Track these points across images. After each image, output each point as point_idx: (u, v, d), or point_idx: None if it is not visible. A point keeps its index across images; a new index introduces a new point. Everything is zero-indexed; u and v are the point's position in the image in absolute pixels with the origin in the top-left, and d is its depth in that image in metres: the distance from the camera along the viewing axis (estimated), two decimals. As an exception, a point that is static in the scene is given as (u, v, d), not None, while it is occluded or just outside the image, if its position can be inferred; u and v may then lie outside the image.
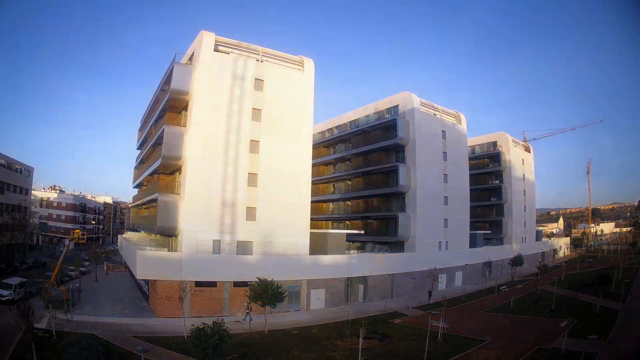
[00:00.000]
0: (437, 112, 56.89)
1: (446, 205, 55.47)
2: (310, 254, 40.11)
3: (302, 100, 41.48)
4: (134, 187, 59.17)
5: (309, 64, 42.26)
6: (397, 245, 52.01)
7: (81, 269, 48.21)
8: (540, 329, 31.12)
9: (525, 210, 77.87)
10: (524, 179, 77.83)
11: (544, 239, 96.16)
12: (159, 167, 38.76)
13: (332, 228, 61.90)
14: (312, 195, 43.12)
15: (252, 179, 37.89)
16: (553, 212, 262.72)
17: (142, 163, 53.51)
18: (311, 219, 42.91)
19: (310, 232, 41.01)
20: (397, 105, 54.12)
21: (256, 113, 38.66)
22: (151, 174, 44.33)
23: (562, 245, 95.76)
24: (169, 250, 38.11)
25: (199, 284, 34.21)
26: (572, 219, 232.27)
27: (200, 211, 35.32)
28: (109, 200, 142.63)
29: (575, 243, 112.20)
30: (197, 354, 20.11)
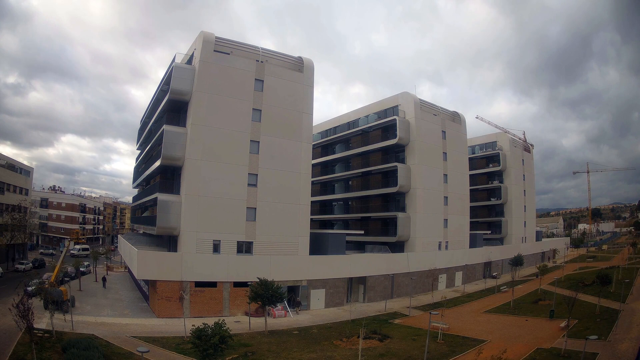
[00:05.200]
0: (436, 113, 56.88)
1: (446, 205, 55.45)
2: (310, 254, 40.11)
3: (302, 100, 41.47)
4: (134, 187, 59.18)
5: (309, 64, 42.26)
6: (397, 246, 51.98)
7: (81, 269, 48.19)
8: (540, 329, 31.11)
9: (525, 211, 77.82)
10: (523, 179, 77.79)
11: (544, 239, 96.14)
12: (159, 167, 38.74)
13: (332, 228, 61.90)
14: (312, 195, 43.13)
15: (252, 179, 37.89)
16: (553, 212, 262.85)
17: (142, 163, 53.52)
18: (311, 219, 42.92)
19: (310, 232, 41.01)
20: (397, 106, 54.06)
21: (256, 113, 38.65)
22: (151, 174, 44.32)
23: (562, 245, 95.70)
24: (168, 250, 38.11)
25: (199, 284, 34.21)
26: (572, 219, 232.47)
27: (200, 211, 35.31)
28: (109, 200, 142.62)
29: (575, 243, 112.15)
30: (197, 354, 20.09)
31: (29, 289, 30.09)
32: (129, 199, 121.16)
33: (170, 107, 39.41)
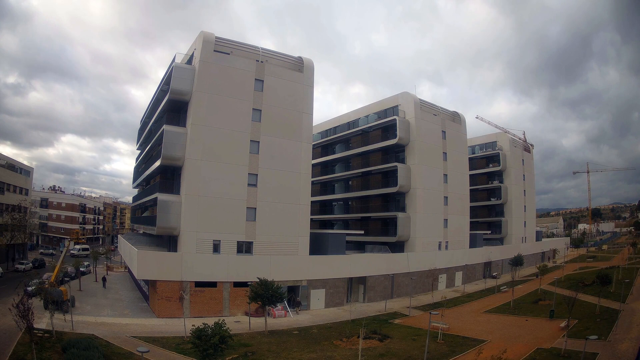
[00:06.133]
0: (436, 113, 56.88)
1: (446, 205, 55.46)
2: (310, 254, 40.11)
3: (302, 100, 41.47)
4: (134, 187, 59.19)
5: (309, 64, 42.25)
6: (397, 246, 51.99)
7: (81, 269, 48.21)
8: (540, 329, 31.11)
9: (525, 210, 77.84)
10: (523, 179, 77.80)
11: (544, 239, 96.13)
12: (159, 167, 38.73)
13: (332, 228, 61.89)
14: (312, 195, 43.12)
15: (252, 179, 37.89)
16: (553, 212, 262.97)
17: (142, 163, 53.52)
18: (311, 219, 42.90)
19: (310, 232, 41.00)
20: (397, 106, 54.07)
21: (256, 113, 38.64)
22: (151, 174, 44.32)
23: (562, 245, 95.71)
24: (168, 250, 38.11)
25: (199, 284, 34.21)
26: (572, 219, 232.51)
27: (200, 211, 35.30)
28: (109, 200, 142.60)
29: (575, 243, 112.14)
30: (197, 354, 20.09)
31: (29, 289, 30.10)
32: (129, 199, 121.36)
33: (170, 107, 39.41)
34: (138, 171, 55.94)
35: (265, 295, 29.85)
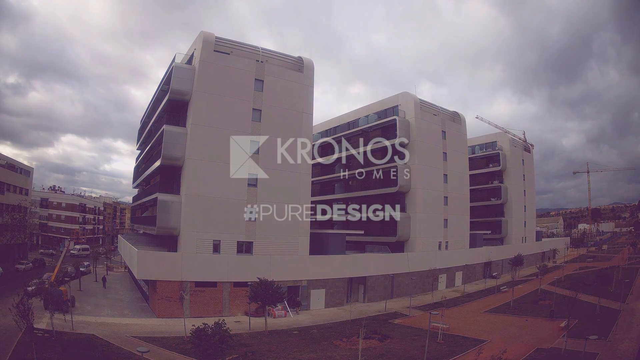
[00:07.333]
0: (436, 113, 56.87)
1: (446, 205, 55.44)
2: (310, 254, 40.11)
3: (302, 100, 41.45)
4: (134, 187, 59.18)
5: (309, 64, 42.25)
6: (397, 246, 51.97)
7: (81, 269, 48.22)
8: (540, 329, 31.11)
9: (525, 210, 77.82)
10: (524, 179, 77.78)
11: (544, 239, 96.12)
12: (159, 167, 38.73)
13: (332, 228, 61.83)
14: (312, 195, 43.11)
15: (252, 179, 37.90)
16: (553, 212, 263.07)
17: (142, 163, 53.52)
18: (311, 220, 42.88)
19: (310, 232, 41.00)
20: (397, 106, 54.04)
21: (256, 113, 38.64)
22: (151, 174, 44.32)
23: (562, 245, 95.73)
24: (168, 251, 38.11)
25: (199, 284, 34.21)
26: (572, 219, 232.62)
27: (200, 211, 35.32)
28: (109, 200, 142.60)
29: (575, 243, 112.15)
30: (197, 354, 20.11)
31: (29, 289, 30.12)
32: (129, 199, 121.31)
33: (170, 107, 39.41)
34: (138, 171, 55.92)
35: (265, 295, 29.86)
